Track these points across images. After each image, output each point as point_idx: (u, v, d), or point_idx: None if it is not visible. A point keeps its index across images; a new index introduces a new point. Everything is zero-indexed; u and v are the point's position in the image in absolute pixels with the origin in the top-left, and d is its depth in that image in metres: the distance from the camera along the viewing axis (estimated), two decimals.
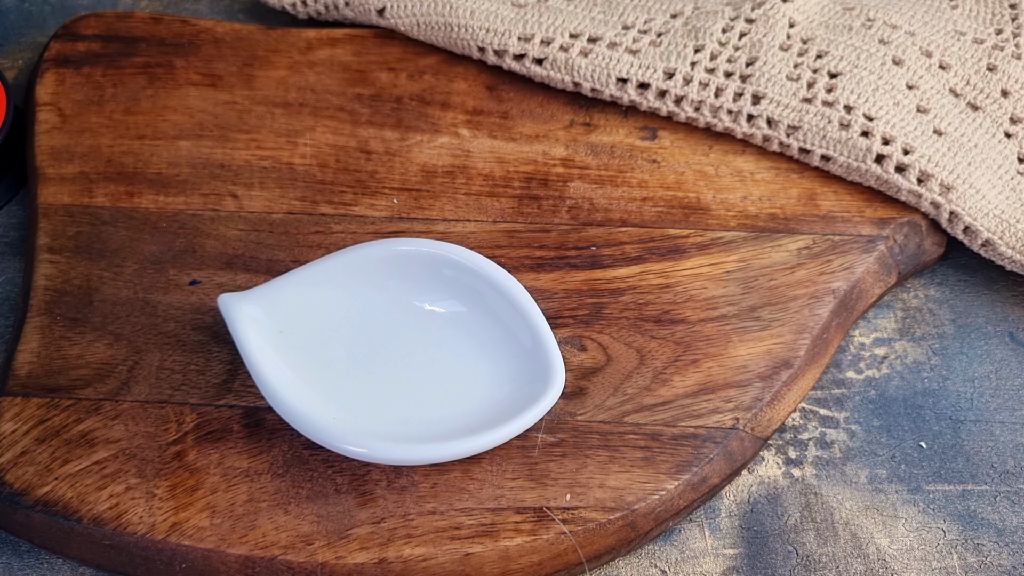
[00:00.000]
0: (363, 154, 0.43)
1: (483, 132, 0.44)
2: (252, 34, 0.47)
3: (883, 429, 0.39)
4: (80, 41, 0.46)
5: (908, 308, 0.42)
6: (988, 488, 0.37)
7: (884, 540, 0.36)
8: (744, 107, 0.42)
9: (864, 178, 0.42)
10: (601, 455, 0.36)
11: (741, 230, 0.41)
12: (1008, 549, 0.36)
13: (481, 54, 0.45)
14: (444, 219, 0.42)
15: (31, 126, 0.44)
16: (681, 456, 0.36)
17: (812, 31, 0.44)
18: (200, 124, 0.44)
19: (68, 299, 0.40)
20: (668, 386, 0.38)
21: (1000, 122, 0.42)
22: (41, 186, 0.42)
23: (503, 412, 0.35)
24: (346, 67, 0.46)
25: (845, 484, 0.38)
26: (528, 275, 0.40)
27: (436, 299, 0.38)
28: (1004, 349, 0.41)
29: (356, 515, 0.35)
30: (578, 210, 0.42)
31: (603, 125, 0.44)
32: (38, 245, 0.41)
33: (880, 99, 0.42)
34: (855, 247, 0.41)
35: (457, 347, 0.37)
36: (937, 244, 0.42)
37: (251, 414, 0.37)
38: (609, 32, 0.44)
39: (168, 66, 0.46)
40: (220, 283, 0.40)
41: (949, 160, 0.41)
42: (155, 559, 0.34)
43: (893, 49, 0.43)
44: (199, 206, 0.42)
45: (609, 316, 0.39)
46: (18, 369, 0.38)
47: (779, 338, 0.39)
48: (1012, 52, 0.44)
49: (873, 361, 0.40)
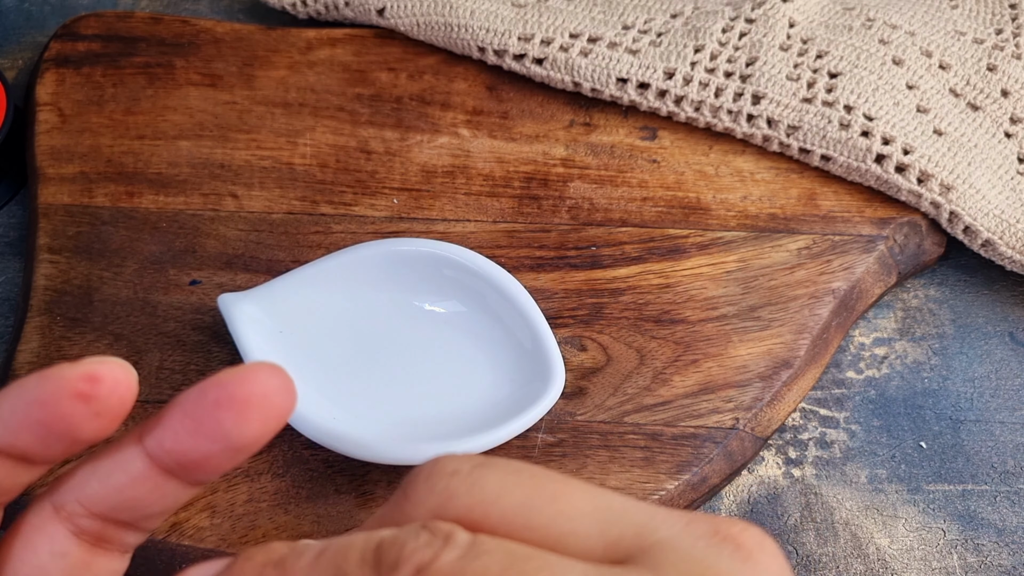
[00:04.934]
0: (363, 154, 0.43)
1: (483, 132, 0.44)
2: (252, 34, 0.47)
3: (883, 429, 0.39)
4: (80, 41, 0.46)
5: (908, 308, 0.42)
6: (988, 488, 0.37)
7: (884, 540, 0.36)
8: (744, 107, 0.42)
9: (864, 178, 0.42)
10: (601, 455, 0.36)
11: (741, 230, 0.41)
12: (1008, 549, 0.36)
13: (481, 54, 0.45)
14: (444, 219, 0.42)
15: (31, 126, 0.44)
16: (681, 456, 0.36)
17: (812, 31, 0.44)
18: (200, 124, 0.44)
19: (68, 299, 0.40)
20: (668, 386, 0.38)
21: (1000, 122, 0.42)
22: (41, 186, 0.42)
23: (503, 412, 0.35)
24: (346, 67, 0.46)
25: (845, 484, 0.38)
26: (528, 275, 0.40)
27: (436, 299, 0.38)
28: (1004, 349, 0.41)
29: (356, 515, 0.35)
30: (578, 210, 0.42)
31: (603, 125, 0.44)
32: (38, 245, 0.41)
33: (880, 99, 0.42)
34: (855, 247, 0.41)
35: (457, 347, 0.37)
36: (937, 244, 0.42)
37: None
38: (609, 32, 0.44)
39: (168, 66, 0.46)
40: (220, 283, 0.40)
41: (949, 160, 0.41)
42: (155, 559, 0.34)
43: (893, 49, 0.43)
44: (199, 206, 0.42)
45: (609, 316, 0.39)
46: (18, 369, 0.38)
47: (779, 338, 0.39)
48: (1012, 52, 0.44)
49: (873, 361, 0.40)
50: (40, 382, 0.19)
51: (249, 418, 0.19)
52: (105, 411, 0.19)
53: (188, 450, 0.20)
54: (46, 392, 0.19)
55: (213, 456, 0.20)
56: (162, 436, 0.20)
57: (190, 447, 0.20)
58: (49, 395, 0.19)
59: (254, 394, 0.19)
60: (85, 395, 0.19)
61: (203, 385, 0.20)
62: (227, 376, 0.19)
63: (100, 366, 0.19)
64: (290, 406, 0.20)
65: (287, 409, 0.20)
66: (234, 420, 0.19)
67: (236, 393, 0.19)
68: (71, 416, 0.19)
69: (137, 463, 0.20)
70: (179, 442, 0.20)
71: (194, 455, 0.20)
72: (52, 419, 0.19)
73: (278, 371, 0.20)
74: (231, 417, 0.19)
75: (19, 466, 0.20)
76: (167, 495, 0.21)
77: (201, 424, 0.19)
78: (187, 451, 0.20)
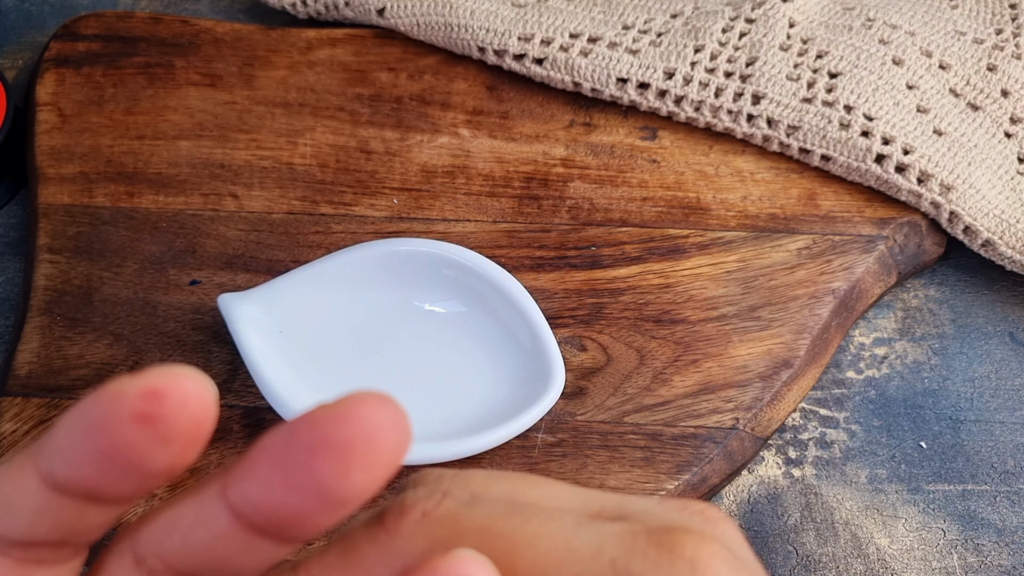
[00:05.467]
0: (363, 154, 0.43)
1: (483, 132, 0.44)
2: (252, 34, 0.47)
3: (883, 429, 0.39)
4: (80, 41, 0.46)
5: (908, 308, 0.42)
6: (988, 488, 0.37)
7: (884, 540, 0.36)
8: (744, 107, 0.42)
9: (864, 178, 0.42)
10: (601, 455, 0.36)
11: (741, 230, 0.41)
12: (1008, 549, 0.36)
13: (481, 54, 0.45)
14: (444, 219, 0.42)
15: (31, 126, 0.44)
16: (681, 456, 0.36)
17: (812, 31, 0.44)
18: (200, 124, 0.44)
19: (68, 299, 0.40)
20: (668, 386, 0.38)
21: (1000, 122, 0.42)
22: (41, 186, 0.42)
23: (503, 412, 0.35)
24: (346, 67, 0.46)
25: (845, 484, 0.38)
26: (528, 275, 0.40)
27: (436, 299, 0.38)
28: (1004, 349, 0.41)
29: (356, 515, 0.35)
30: (578, 210, 0.42)
31: (603, 125, 0.44)
32: (38, 245, 0.41)
33: (880, 99, 0.42)
34: (855, 247, 0.41)
35: (457, 347, 0.37)
36: (937, 244, 0.42)
37: (251, 414, 0.37)
38: (609, 32, 0.44)
39: (168, 66, 0.46)
40: (220, 283, 0.40)
41: (949, 160, 0.41)
42: None
43: (893, 49, 0.43)
44: (199, 206, 0.42)
45: (609, 316, 0.39)
46: (18, 369, 0.38)
47: (779, 338, 0.39)
48: (1012, 52, 0.44)
49: (873, 361, 0.40)
50: (95, 403, 0.15)
51: (351, 467, 0.15)
52: (175, 436, 0.15)
53: (279, 505, 0.16)
54: (102, 414, 0.15)
55: (310, 513, 0.16)
56: (246, 488, 0.16)
57: (281, 502, 0.16)
58: (106, 418, 0.15)
59: (356, 436, 0.15)
60: (147, 416, 0.15)
61: (293, 425, 0.16)
62: (322, 413, 0.16)
63: (164, 379, 0.15)
64: (404, 445, 0.16)
65: (400, 450, 0.16)
66: (332, 469, 0.15)
67: (333, 436, 0.15)
68: (134, 444, 0.15)
69: (221, 519, 0.17)
70: (267, 496, 0.16)
71: (286, 511, 0.16)
72: (112, 448, 0.15)
73: (386, 403, 0.16)
74: (328, 466, 0.15)
75: (90, 506, 0.16)
76: (259, 555, 0.17)
77: (292, 475, 0.16)
78: (278, 506, 0.16)
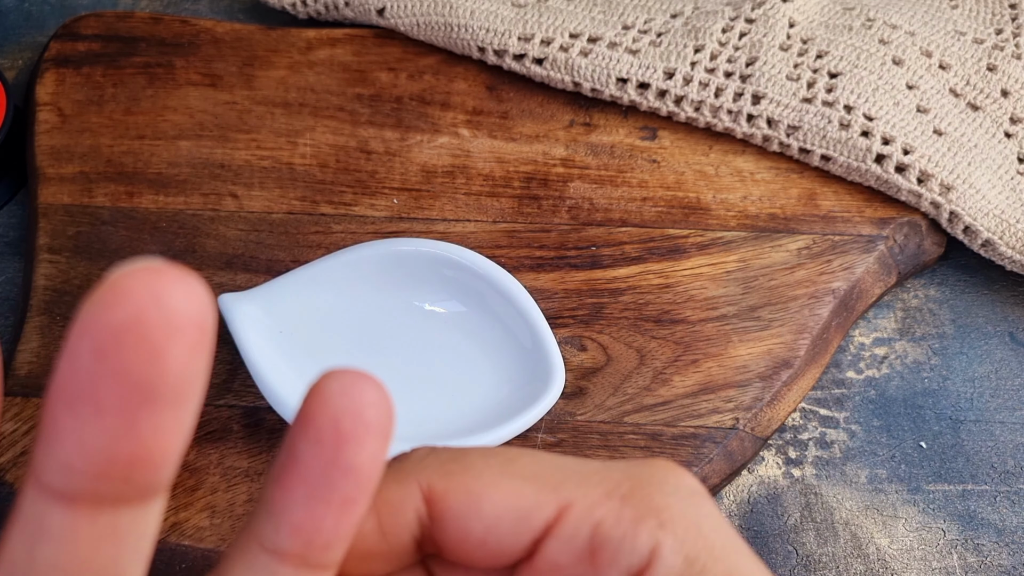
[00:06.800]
0: (363, 154, 0.43)
1: (483, 132, 0.44)
2: (252, 34, 0.47)
3: (883, 429, 0.39)
4: (80, 41, 0.46)
5: (908, 308, 0.42)
6: (988, 488, 0.37)
7: (884, 540, 0.36)
8: (744, 107, 0.42)
9: (864, 178, 0.42)
10: (601, 455, 0.36)
11: (741, 230, 0.41)
12: (1008, 549, 0.36)
13: (481, 54, 0.45)
14: (444, 219, 0.42)
15: (31, 126, 0.44)
16: (681, 456, 0.36)
17: (812, 31, 0.44)
18: (200, 124, 0.44)
19: (68, 299, 0.40)
20: (668, 386, 0.38)
21: (1000, 122, 0.42)
22: (41, 186, 0.42)
23: (503, 412, 0.35)
24: (346, 67, 0.46)
25: (845, 484, 0.38)
26: (528, 275, 0.40)
27: (436, 299, 0.38)
28: (1004, 349, 0.41)
29: None
30: (578, 210, 0.42)
31: (603, 125, 0.44)
32: (38, 245, 0.41)
33: (880, 99, 0.42)
34: (855, 247, 0.41)
35: (457, 347, 0.37)
36: (937, 244, 0.42)
37: (251, 414, 0.37)
38: (609, 32, 0.44)
39: (168, 66, 0.46)
40: (220, 283, 0.40)
41: (949, 160, 0.41)
42: (155, 559, 0.34)
43: (893, 49, 0.43)
44: (199, 206, 0.42)
45: (609, 316, 0.39)
46: (18, 369, 0.38)
47: (779, 338, 0.38)
48: (1012, 52, 0.44)
49: (873, 361, 0.40)
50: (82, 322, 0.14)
51: (364, 444, 0.16)
52: (160, 338, 0.13)
53: (316, 519, 0.17)
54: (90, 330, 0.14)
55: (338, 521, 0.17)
56: (279, 522, 0.17)
57: (316, 516, 0.17)
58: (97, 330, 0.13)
59: (356, 430, 0.16)
60: (121, 331, 0.13)
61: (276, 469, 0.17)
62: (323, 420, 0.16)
63: (119, 282, 0.13)
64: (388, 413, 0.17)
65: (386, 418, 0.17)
66: (354, 451, 0.16)
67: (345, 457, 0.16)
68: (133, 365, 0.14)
69: (276, 570, 0.17)
70: (304, 515, 0.17)
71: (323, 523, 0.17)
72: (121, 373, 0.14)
73: (366, 384, 0.16)
74: (352, 449, 0.16)
75: None
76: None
77: (315, 488, 0.16)
78: (316, 522, 0.17)
